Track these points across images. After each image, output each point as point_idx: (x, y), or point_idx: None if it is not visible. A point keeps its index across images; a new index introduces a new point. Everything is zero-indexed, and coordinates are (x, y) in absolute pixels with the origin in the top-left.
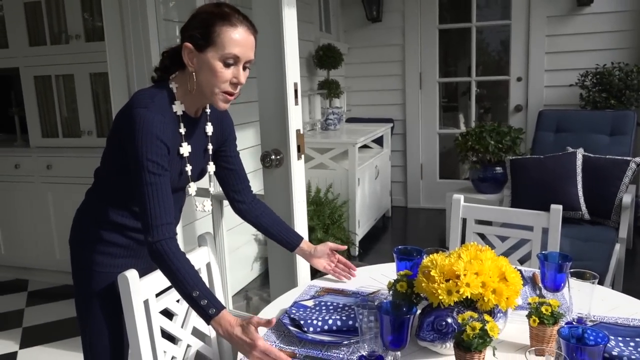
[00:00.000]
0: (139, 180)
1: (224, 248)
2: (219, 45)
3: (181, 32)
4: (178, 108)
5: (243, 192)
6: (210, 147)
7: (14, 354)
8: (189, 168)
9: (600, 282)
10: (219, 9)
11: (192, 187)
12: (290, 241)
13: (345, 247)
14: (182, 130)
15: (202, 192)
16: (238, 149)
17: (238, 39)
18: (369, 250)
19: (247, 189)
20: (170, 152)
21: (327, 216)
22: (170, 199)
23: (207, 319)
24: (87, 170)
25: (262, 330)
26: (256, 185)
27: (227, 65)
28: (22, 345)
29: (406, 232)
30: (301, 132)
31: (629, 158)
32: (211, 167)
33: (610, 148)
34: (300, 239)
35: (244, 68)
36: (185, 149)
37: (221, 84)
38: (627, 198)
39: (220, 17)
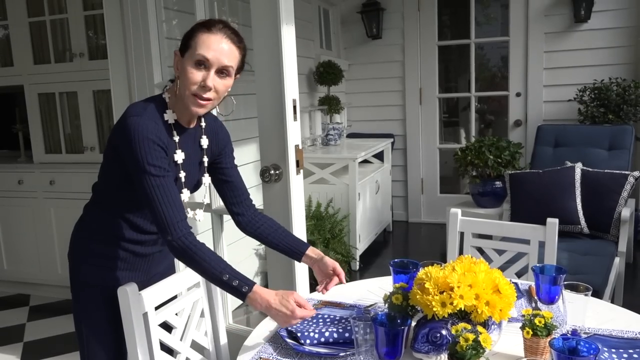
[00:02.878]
0: (144, 186)
1: None
2: (193, 47)
3: None
4: (170, 117)
5: (241, 205)
6: (205, 159)
7: None
8: (182, 175)
9: (599, 296)
10: (207, 20)
11: (185, 194)
12: (296, 249)
13: (344, 282)
14: (176, 138)
15: (195, 204)
16: (240, 164)
17: (210, 42)
18: (369, 265)
19: (246, 201)
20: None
21: (328, 230)
22: (179, 197)
23: (242, 297)
24: (90, 185)
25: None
26: (258, 200)
27: (197, 68)
28: None
29: (407, 247)
30: (300, 147)
31: (627, 172)
32: (206, 179)
33: (608, 162)
34: (307, 246)
35: (222, 76)
36: (179, 156)
37: (191, 85)
38: (625, 212)
39: (202, 25)
